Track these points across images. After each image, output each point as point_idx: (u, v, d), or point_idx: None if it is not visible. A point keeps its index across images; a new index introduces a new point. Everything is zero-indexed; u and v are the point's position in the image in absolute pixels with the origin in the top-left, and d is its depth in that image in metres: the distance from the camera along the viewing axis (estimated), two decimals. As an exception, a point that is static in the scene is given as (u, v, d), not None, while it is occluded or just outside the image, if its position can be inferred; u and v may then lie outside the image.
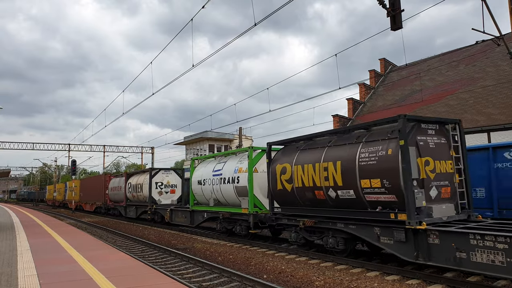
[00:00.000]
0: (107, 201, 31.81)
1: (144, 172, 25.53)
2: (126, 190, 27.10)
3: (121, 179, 28.73)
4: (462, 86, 24.50)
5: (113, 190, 30.18)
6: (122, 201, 28.01)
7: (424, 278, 8.49)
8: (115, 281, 6.75)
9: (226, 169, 15.77)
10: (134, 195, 25.57)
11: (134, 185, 25.64)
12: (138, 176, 26.07)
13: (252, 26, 11.73)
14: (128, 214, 27.09)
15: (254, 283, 8.47)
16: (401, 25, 8.69)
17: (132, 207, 26.39)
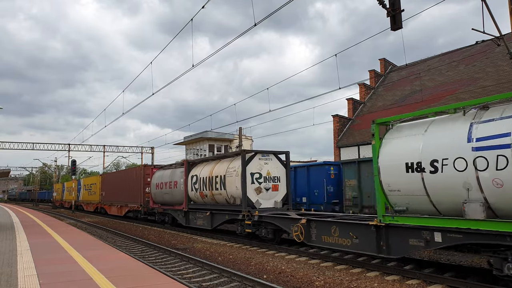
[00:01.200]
0: (148, 203, 23.39)
1: (226, 158, 16.99)
2: (188, 186, 18.76)
3: (176, 171, 20.57)
4: (462, 86, 24.50)
5: (160, 188, 21.72)
6: (179, 204, 19.72)
7: (424, 278, 8.49)
8: (115, 281, 6.75)
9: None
10: (206, 194, 17.26)
11: (205, 179, 17.25)
12: (212, 164, 17.51)
13: (252, 26, 11.74)
14: (194, 223, 18.34)
15: (254, 283, 8.47)
16: (401, 25, 8.69)
17: (201, 213, 17.63)
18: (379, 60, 35.39)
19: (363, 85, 32.63)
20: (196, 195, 18.06)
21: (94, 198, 34.97)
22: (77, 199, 42.81)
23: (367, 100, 32.15)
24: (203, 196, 17.52)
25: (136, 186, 24.91)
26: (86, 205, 38.92)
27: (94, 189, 34.96)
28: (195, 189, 18.03)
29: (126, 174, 28.80)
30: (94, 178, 37.42)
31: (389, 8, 8.70)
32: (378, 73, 34.52)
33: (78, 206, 43.16)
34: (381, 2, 8.71)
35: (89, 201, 37.36)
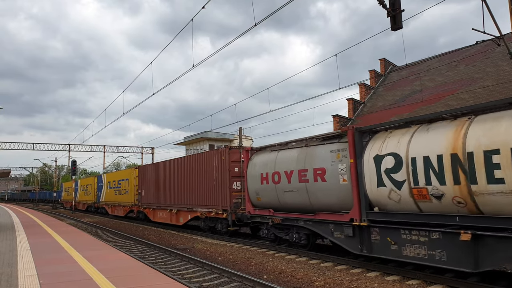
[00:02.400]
0: (239, 206, 15.45)
1: None
2: (367, 175, 9.43)
3: (316, 151, 11.23)
4: (462, 86, 24.50)
5: (273, 181, 12.61)
6: (334, 209, 10.61)
7: (424, 278, 8.49)
8: (115, 281, 6.75)
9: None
10: (442, 192, 7.72)
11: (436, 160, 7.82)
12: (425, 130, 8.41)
13: (252, 27, 11.73)
14: (397, 254, 8.82)
15: (254, 283, 8.46)
16: (401, 25, 8.69)
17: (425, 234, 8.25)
18: (379, 60, 35.42)
19: (363, 85, 32.63)
20: (396, 194, 8.64)
21: (126, 199, 27.09)
22: (97, 199, 35.14)
23: (367, 100, 32.14)
24: (425, 198, 8.11)
25: (213, 180, 16.49)
26: (112, 207, 30.88)
27: (125, 186, 27.36)
28: (394, 182, 8.66)
29: (189, 163, 18.96)
30: (125, 172, 29.58)
31: (389, 8, 8.70)
32: (378, 73, 34.52)
33: (98, 208, 35.91)
34: (381, 2, 8.71)
35: (116, 203, 29.49)
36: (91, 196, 36.96)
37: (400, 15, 8.70)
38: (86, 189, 39.33)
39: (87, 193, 38.67)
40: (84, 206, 40.33)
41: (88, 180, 40.09)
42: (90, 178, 39.45)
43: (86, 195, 39.27)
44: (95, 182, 35.84)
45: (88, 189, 38.24)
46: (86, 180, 41.08)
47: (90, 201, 37.26)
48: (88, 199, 38.35)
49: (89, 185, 37.81)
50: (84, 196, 39.93)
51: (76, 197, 43.77)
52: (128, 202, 26.81)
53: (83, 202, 40.67)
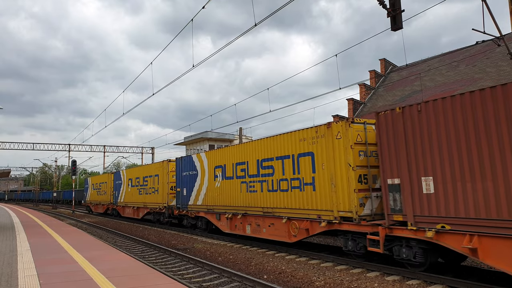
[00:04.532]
0: None
1: None
2: None
3: None
4: (462, 87, 24.49)
5: None
6: None
7: (425, 279, 8.49)
8: (115, 281, 6.75)
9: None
10: None
11: None
12: None
13: (252, 27, 11.73)
14: None
15: (255, 283, 8.47)
16: (401, 26, 8.69)
17: None
18: (379, 60, 35.47)
19: (363, 85, 32.65)
20: None
21: (153, 199, 22.45)
22: (114, 200, 29.66)
23: (367, 100, 32.15)
24: None
25: None
26: (134, 210, 25.30)
27: (153, 184, 22.56)
28: None
29: None
30: (152, 167, 23.34)
31: (389, 9, 8.70)
32: (379, 73, 34.54)
33: (110, 211, 31.20)
34: (381, 3, 8.71)
35: (142, 204, 23.95)
36: (106, 196, 31.75)
37: (400, 15, 8.70)
38: (99, 188, 34.31)
39: (100, 192, 33.61)
40: (103, 208, 33.22)
41: (101, 177, 34.65)
42: (105, 175, 33.65)
43: (99, 195, 34.10)
44: (111, 180, 30.54)
45: (102, 188, 33.17)
46: (100, 177, 35.49)
47: (105, 202, 32.18)
48: (102, 199, 33.24)
49: (103, 184, 32.76)
50: (97, 196, 34.90)
51: (87, 197, 38.92)
52: (157, 204, 21.97)
53: (95, 202, 35.64)
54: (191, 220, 18.78)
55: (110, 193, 30.81)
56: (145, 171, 24.16)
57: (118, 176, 29.31)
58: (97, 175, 38.18)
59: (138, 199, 24.49)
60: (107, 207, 31.90)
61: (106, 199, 31.84)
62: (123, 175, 28.16)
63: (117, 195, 29.17)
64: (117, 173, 29.92)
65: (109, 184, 31.34)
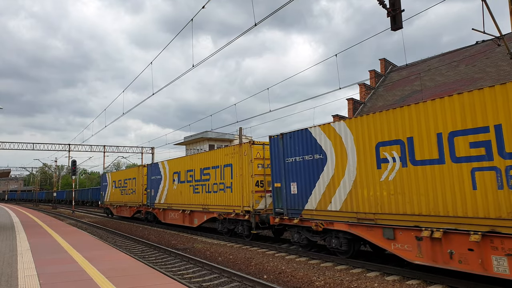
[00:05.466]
0: None
1: None
2: None
3: None
4: (462, 86, 24.49)
5: None
6: None
7: (424, 278, 8.49)
8: (115, 281, 6.75)
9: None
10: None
11: None
12: None
13: (252, 27, 11.73)
14: None
15: (254, 283, 8.46)
16: (401, 25, 8.69)
17: None
18: (379, 60, 35.48)
19: (363, 85, 32.65)
20: None
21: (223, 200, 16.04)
22: (149, 201, 22.95)
23: (367, 100, 32.15)
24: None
25: None
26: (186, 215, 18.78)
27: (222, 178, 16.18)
28: None
29: None
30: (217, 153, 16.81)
31: (389, 9, 8.70)
32: (378, 73, 34.54)
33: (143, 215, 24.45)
34: (381, 2, 8.71)
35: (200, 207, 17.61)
36: (135, 196, 25.41)
37: (400, 15, 8.70)
38: (123, 185, 28.04)
39: (126, 191, 27.30)
40: (130, 212, 26.64)
41: (127, 172, 28.08)
42: (132, 169, 27.08)
43: (124, 195, 27.81)
44: (143, 175, 24.45)
45: (129, 186, 26.80)
46: (124, 172, 28.86)
47: (133, 203, 25.76)
48: (128, 200, 26.67)
49: (130, 180, 26.64)
50: (120, 196, 28.53)
51: (106, 197, 32.28)
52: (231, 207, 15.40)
53: (118, 204, 29.04)
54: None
55: (142, 192, 24.44)
56: (207, 160, 17.37)
57: (156, 170, 22.53)
58: (120, 170, 31.02)
59: (193, 200, 18.28)
60: (136, 209, 25.25)
61: (135, 199, 25.31)
62: (164, 168, 21.63)
63: (154, 195, 22.49)
64: (153, 166, 23.05)
65: (139, 180, 24.87)
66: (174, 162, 20.79)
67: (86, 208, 54.15)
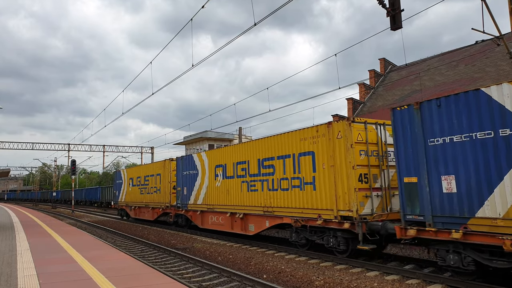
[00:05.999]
0: None
1: None
2: None
3: None
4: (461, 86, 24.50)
5: None
6: None
7: (424, 278, 8.49)
8: (115, 281, 6.75)
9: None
10: None
11: None
12: None
13: (252, 26, 11.73)
14: None
15: (254, 283, 8.47)
16: (400, 25, 8.70)
17: None
18: (379, 60, 35.52)
19: (362, 85, 32.66)
20: None
21: (306, 201, 11.82)
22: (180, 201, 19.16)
23: (367, 100, 32.16)
24: None
25: None
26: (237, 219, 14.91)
27: (305, 171, 11.86)
28: None
29: None
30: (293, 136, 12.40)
31: (389, 8, 8.70)
32: (378, 73, 34.56)
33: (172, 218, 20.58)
34: (381, 2, 8.71)
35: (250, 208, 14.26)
36: (160, 195, 21.61)
37: (400, 15, 8.71)
38: (143, 183, 24.09)
39: (147, 190, 23.43)
40: (147, 214, 23.50)
41: (148, 168, 24.11)
42: (155, 164, 23.30)
43: (144, 194, 23.91)
44: (170, 171, 20.81)
45: (151, 183, 23.01)
46: (144, 168, 24.75)
47: (157, 204, 21.93)
48: (151, 200, 22.86)
49: (153, 177, 22.80)
50: (140, 195, 24.53)
51: (120, 197, 28.20)
52: (316, 211, 11.34)
53: (136, 205, 24.96)
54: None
55: (168, 191, 20.81)
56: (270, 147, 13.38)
57: (190, 163, 18.71)
58: (138, 165, 27.09)
59: (248, 200, 14.36)
60: (162, 211, 21.53)
61: (160, 199, 21.63)
62: (202, 160, 17.64)
63: (187, 194, 18.75)
64: (186, 159, 19.12)
65: (165, 176, 21.26)
66: (216, 154, 16.73)
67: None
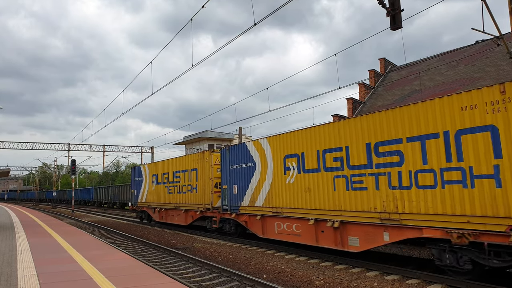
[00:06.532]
0: None
1: None
2: None
3: None
4: (461, 86, 24.50)
5: None
6: None
7: (424, 278, 8.49)
8: (115, 281, 6.75)
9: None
10: None
11: None
12: None
13: (252, 26, 11.72)
14: None
15: (254, 283, 8.47)
16: (400, 25, 8.70)
17: None
18: (378, 60, 35.54)
19: (362, 84, 32.67)
20: None
21: None
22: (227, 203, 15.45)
23: (366, 100, 32.16)
24: None
25: None
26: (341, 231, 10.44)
27: None
28: None
29: None
30: None
31: (388, 8, 8.70)
32: (378, 72, 34.56)
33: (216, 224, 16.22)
34: (380, 2, 8.71)
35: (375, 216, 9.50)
36: (197, 195, 17.76)
37: (400, 15, 8.71)
38: (173, 181, 20.10)
39: (179, 188, 19.41)
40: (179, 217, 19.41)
41: (177, 162, 20.03)
42: (187, 157, 19.31)
43: (173, 193, 19.96)
44: (211, 164, 16.90)
45: (183, 181, 19.04)
46: (171, 163, 20.72)
47: (191, 205, 18.17)
48: (183, 201, 18.96)
49: (185, 173, 18.92)
50: (167, 195, 20.61)
51: (140, 197, 24.31)
52: None
53: (162, 205, 21.09)
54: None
55: (209, 190, 16.76)
56: (387, 125, 9.50)
57: (242, 154, 14.72)
58: (165, 160, 21.79)
59: (342, 202, 10.50)
60: (200, 214, 17.36)
61: (196, 200, 17.75)
62: (260, 150, 13.78)
63: (238, 194, 14.82)
64: (236, 149, 15.06)
65: (204, 171, 17.29)
66: (287, 140, 12.59)
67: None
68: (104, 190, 49.85)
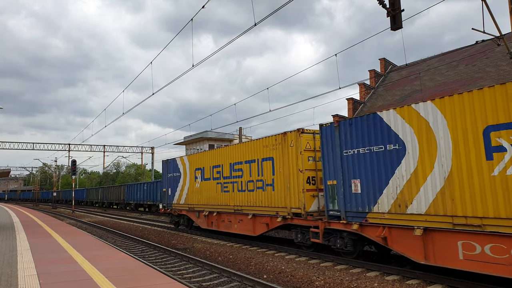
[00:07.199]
0: None
1: None
2: None
3: None
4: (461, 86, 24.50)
5: None
6: None
7: (424, 278, 8.49)
8: (115, 281, 6.75)
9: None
10: None
11: None
12: None
13: (252, 26, 11.73)
14: None
15: (254, 283, 8.47)
16: (401, 25, 8.69)
17: None
18: (379, 60, 35.53)
19: (363, 85, 32.67)
20: None
21: None
22: (337, 207, 10.37)
23: (367, 100, 32.16)
24: None
25: None
26: None
27: None
28: None
29: None
30: None
31: (389, 8, 8.70)
32: (378, 73, 34.56)
33: (328, 238, 10.71)
34: (381, 2, 8.71)
35: None
36: (274, 194, 12.96)
37: (400, 15, 8.71)
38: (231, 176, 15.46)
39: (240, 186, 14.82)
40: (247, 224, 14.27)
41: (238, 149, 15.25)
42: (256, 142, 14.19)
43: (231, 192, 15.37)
44: (298, 150, 12.00)
45: (246, 175, 14.50)
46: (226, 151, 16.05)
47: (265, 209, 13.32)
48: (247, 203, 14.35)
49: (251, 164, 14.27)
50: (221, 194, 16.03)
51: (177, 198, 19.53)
52: None
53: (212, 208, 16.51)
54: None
55: (297, 188, 11.98)
56: None
57: (367, 132, 9.73)
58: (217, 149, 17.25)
59: None
60: (282, 222, 12.55)
61: (276, 202, 12.93)
62: (409, 121, 8.73)
63: (367, 193, 9.67)
64: (354, 124, 10.06)
65: (289, 161, 12.43)
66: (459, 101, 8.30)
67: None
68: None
